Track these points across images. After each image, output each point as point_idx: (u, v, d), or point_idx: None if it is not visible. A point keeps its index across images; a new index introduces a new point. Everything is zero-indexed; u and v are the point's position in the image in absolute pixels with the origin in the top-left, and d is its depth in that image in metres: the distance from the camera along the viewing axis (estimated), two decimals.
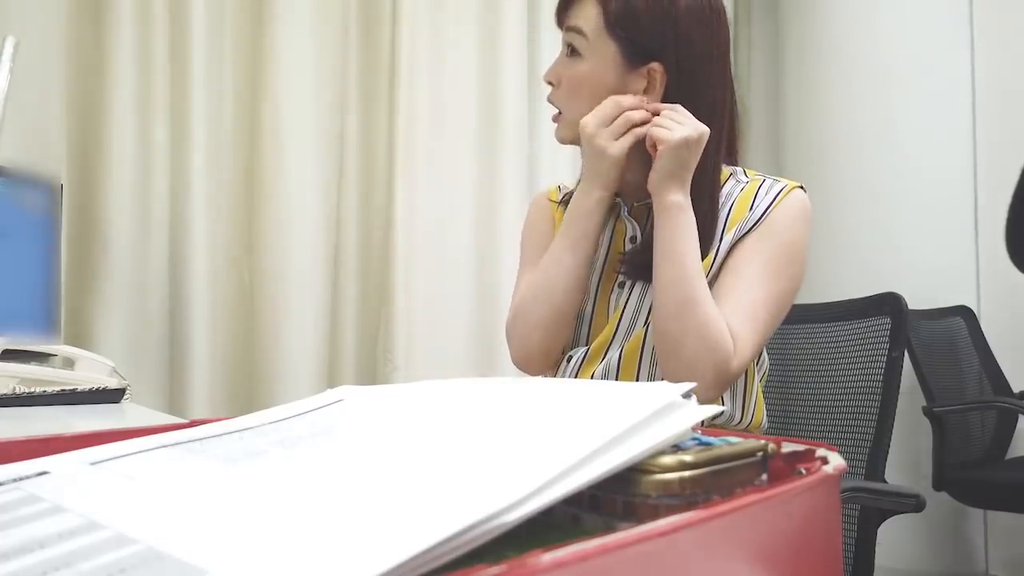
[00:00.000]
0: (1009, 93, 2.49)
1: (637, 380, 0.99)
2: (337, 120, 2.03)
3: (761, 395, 1.04)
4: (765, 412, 1.05)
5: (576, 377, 1.03)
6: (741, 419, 1.00)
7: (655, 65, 0.96)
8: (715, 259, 0.97)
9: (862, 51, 2.53)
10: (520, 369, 1.09)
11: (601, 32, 0.96)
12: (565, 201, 1.11)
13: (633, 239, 1.04)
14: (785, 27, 2.80)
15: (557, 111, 1.03)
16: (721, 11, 0.99)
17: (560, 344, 1.05)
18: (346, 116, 2.05)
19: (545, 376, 1.09)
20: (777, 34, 2.85)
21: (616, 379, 0.99)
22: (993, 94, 2.51)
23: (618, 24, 0.95)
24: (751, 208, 0.98)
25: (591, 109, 0.96)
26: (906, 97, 2.48)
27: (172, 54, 1.78)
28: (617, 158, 0.94)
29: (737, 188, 1.01)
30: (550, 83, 1.02)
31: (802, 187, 1.01)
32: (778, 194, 0.99)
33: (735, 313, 0.93)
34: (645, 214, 1.03)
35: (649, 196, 0.99)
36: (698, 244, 0.93)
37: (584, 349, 1.04)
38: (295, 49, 1.93)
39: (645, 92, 0.96)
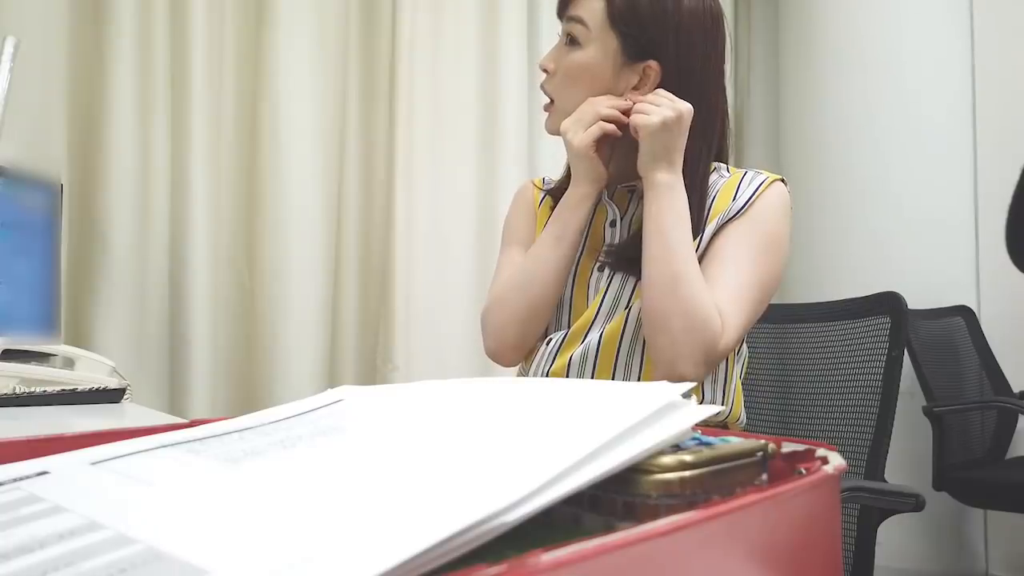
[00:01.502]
0: (1009, 93, 2.49)
1: (616, 363, 1.00)
2: (337, 120, 2.03)
3: (739, 388, 1.05)
4: (743, 406, 1.05)
5: (554, 360, 1.04)
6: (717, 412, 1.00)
7: (652, 63, 0.98)
8: (698, 248, 0.98)
9: (862, 51, 2.53)
10: (493, 359, 1.10)
11: (604, 25, 0.98)
12: (550, 191, 1.14)
13: (613, 223, 1.05)
14: (785, 27, 2.80)
15: (549, 101, 1.04)
16: (720, 18, 1.01)
17: (534, 337, 1.07)
18: (346, 116, 2.05)
19: (520, 363, 1.11)
20: (777, 34, 2.85)
21: (595, 362, 1.00)
22: (993, 94, 2.52)
23: (622, 19, 0.97)
24: (733, 198, 1.00)
25: (583, 100, 0.99)
26: (906, 97, 2.48)
27: (172, 54, 1.78)
28: (580, 148, 0.97)
29: (720, 180, 1.03)
30: (545, 70, 1.03)
31: (783, 180, 1.03)
32: (760, 185, 1.00)
33: (721, 294, 0.94)
34: (627, 199, 1.05)
35: (631, 180, 1.02)
36: (689, 222, 0.94)
37: (563, 332, 1.05)
38: (295, 49, 1.93)
39: (636, 88, 0.99)
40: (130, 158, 1.71)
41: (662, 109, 0.92)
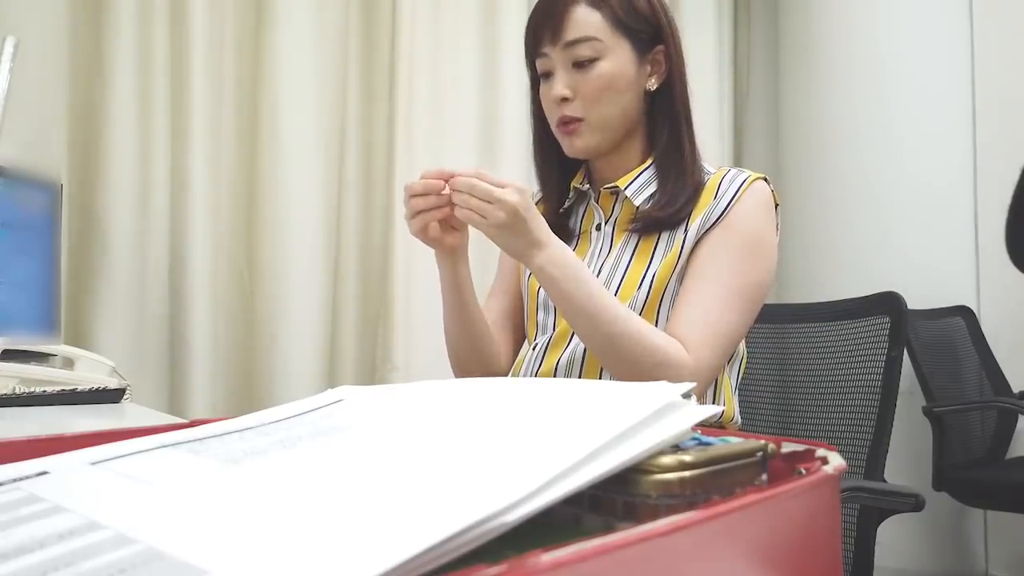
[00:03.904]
0: (1009, 93, 2.49)
1: (601, 370, 1.00)
2: (337, 120, 2.02)
3: (730, 389, 1.05)
4: (737, 407, 1.06)
5: (541, 363, 1.05)
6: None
7: (660, 47, 1.03)
8: (681, 251, 0.99)
9: (862, 51, 2.53)
10: None
11: (612, 32, 1.00)
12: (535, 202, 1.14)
13: (599, 227, 1.08)
14: (785, 27, 2.80)
15: (575, 121, 1.02)
16: None
17: (494, 366, 1.12)
18: (346, 116, 2.05)
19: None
20: (777, 34, 2.85)
21: (581, 365, 1.02)
22: (993, 94, 2.51)
23: (626, 20, 1.00)
24: (715, 197, 1.00)
25: (617, 107, 1.01)
26: (906, 97, 2.48)
27: (172, 54, 1.78)
28: (418, 237, 0.97)
29: (704, 178, 1.04)
30: (565, 98, 1.01)
31: (765, 178, 1.04)
32: (741, 185, 1.01)
33: (696, 320, 0.94)
34: (612, 201, 1.07)
35: (614, 180, 1.05)
36: (589, 279, 0.92)
37: (548, 336, 1.06)
38: (295, 48, 1.93)
39: (652, 75, 1.03)
40: (130, 158, 1.71)
41: (496, 212, 0.85)
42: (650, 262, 1.00)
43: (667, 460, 0.28)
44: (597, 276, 1.03)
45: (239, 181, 1.90)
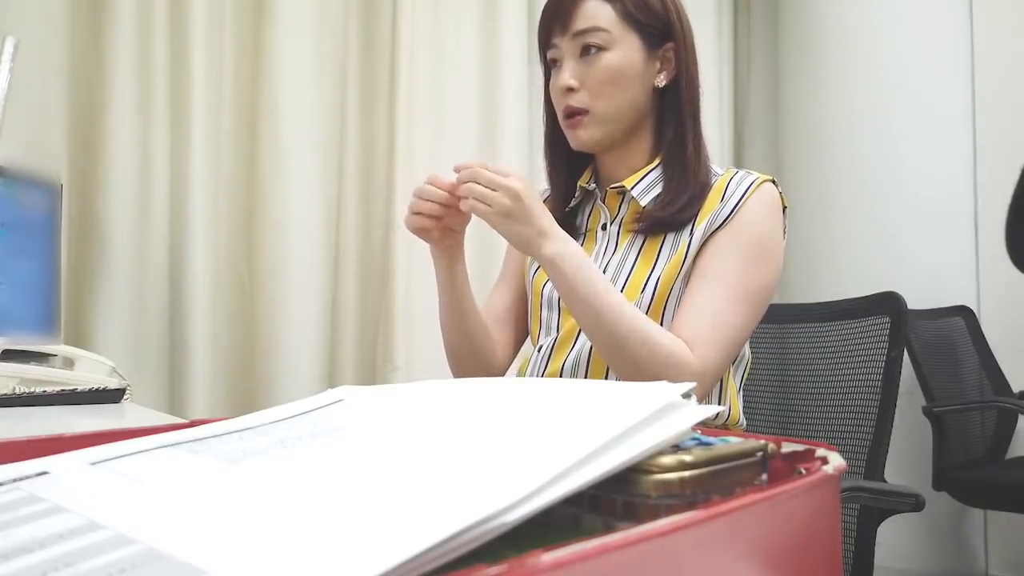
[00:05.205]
0: (1009, 93, 2.49)
1: (608, 370, 1.00)
2: (337, 121, 2.02)
3: (734, 390, 1.05)
4: (742, 409, 1.05)
5: (547, 365, 1.05)
6: (716, 415, 1.00)
7: (670, 45, 1.03)
8: (687, 252, 0.99)
9: (862, 51, 2.53)
10: None
11: (621, 25, 1.00)
12: (544, 200, 1.14)
13: (604, 227, 1.08)
14: (785, 27, 2.80)
15: (579, 115, 1.02)
16: None
17: (492, 364, 1.12)
18: (346, 116, 2.05)
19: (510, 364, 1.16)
20: (777, 34, 2.85)
21: (587, 367, 1.01)
22: (993, 94, 2.51)
23: (636, 15, 1.00)
24: (722, 199, 1.00)
25: (622, 100, 1.01)
26: (906, 97, 2.48)
27: (172, 54, 1.77)
28: (413, 233, 0.98)
29: (711, 179, 1.04)
30: (571, 88, 1.01)
31: (773, 181, 1.03)
32: (749, 187, 1.00)
33: (702, 321, 0.94)
34: (618, 200, 1.07)
35: (620, 180, 1.05)
36: (596, 274, 0.91)
37: (553, 337, 1.05)
38: (295, 50, 1.93)
39: (661, 71, 1.03)
40: (130, 158, 1.71)
41: (498, 199, 0.86)
42: (655, 264, 1.00)
43: (667, 460, 0.28)
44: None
45: (239, 182, 1.90)
